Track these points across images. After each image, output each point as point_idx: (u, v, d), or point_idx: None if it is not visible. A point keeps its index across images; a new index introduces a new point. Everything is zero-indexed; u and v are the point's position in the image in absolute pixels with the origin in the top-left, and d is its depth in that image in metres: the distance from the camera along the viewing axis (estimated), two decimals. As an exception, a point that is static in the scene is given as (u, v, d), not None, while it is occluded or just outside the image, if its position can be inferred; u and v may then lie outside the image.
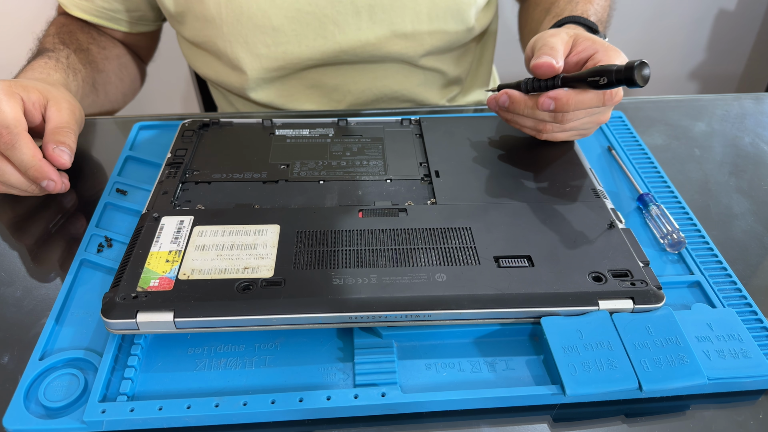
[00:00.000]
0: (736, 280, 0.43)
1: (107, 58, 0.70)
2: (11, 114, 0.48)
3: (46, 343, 0.39)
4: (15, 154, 0.47)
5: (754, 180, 0.55)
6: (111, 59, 0.71)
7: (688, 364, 0.36)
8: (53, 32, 0.66)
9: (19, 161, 0.47)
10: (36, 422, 0.34)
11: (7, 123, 0.47)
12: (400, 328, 0.39)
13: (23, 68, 0.59)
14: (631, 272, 0.40)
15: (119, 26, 0.70)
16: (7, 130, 0.47)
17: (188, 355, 0.38)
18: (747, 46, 1.53)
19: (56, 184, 0.49)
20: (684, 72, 1.57)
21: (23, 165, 0.47)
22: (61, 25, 0.68)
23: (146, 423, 0.34)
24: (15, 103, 0.48)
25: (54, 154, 0.48)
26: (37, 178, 0.48)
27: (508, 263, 0.40)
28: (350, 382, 0.37)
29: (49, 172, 0.48)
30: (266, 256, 0.40)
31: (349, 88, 0.70)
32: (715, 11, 1.46)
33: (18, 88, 0.50)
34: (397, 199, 0.47)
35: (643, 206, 0.49)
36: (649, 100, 0.66)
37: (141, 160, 0.55)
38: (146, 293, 0.37)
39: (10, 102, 0.48)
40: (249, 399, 0.35)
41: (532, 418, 0.36)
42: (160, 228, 0.42)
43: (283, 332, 0.39)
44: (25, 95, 0.50)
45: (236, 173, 0.49)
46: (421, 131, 0.55)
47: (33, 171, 0.48)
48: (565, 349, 0.36)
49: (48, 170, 0.48)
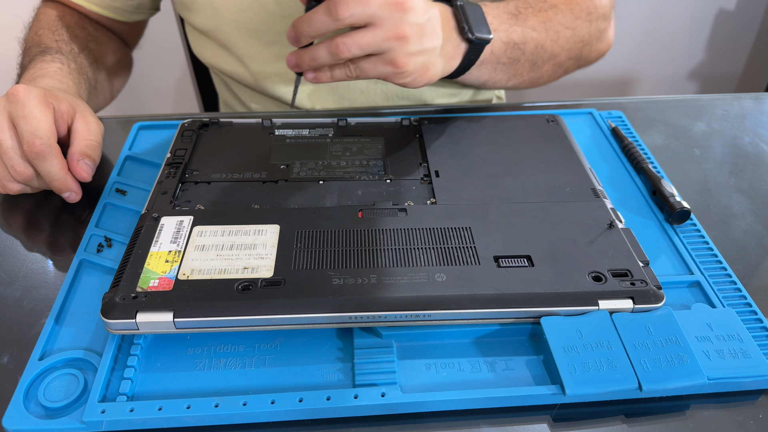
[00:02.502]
0: (735, 280, 0.43)
1: (105, 55, 0.69)
2: (46, 125, 0.48)
3: (46, 343, 0.39)
4: (44, 165, 0.48)
5: (754, 180, 0.55)
6: (108, 55, 0.70)
7: (688, 364, 0.36)
8: (48, 26, 0.65)
9: (46, 172, 0.48)
10: (35, 422, 0.34)
11: (41, 133, 0.47)
12: (400, 328, 0.39)
13: (29, 66, 0.59)
14: (630, 272, 0.40)
15: (116, 15, 0.70)
16: (41, 140, 0.47)
17: (188, 355, 0.38)
18: (747, 46, 1.53)
19: (77, 197, 0.50)
20: (684, 72, 1.57)
21: (50, 176, 0.48)
22: (54, 18, 0.66)
23: (146, 423, 0.34)
24: (49, 113, 0.49)
25: (78, 167, 0.49)
26: (60, 190, 0.49)
27: (507, 263, 0.40)
28: (350, 382, 0.37)
29: (72, 185, 0.49)
30: (266, 256, 0.40)
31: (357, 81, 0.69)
32: (714, 11, 1.46)
33: (51, 98, 0.50)
34: (397, 199, 0.47)
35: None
36: (648, 100, 0.66)
37: (141, 160, 0.55)
38: (146, 293, 0.37)
39: (45, 112, 0.48)
40: (249, 399, 0.35)
41: (532, 418, 0.36)
42: (160, 228, 0.42)
43: (283, 332, 0.39)
44: (57, 105, 0.50)
45: (236, 173, 0.49)
46: (421, 131, 0.55)
47: (58, 183, 0.49)
48: (565, 349, 0.36)
49: (71, 183, 0.49)
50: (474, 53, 0.52)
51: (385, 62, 0.46)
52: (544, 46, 0.59)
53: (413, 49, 0.46)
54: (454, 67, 0.52)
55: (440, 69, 0.50)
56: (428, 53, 0.47)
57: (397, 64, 0.46)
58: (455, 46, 0.51)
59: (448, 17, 0.50)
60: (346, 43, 0.44)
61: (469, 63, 0.53)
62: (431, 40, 0.47)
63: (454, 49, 0.51)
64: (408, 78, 0.48)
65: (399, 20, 0.44)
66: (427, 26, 0.46)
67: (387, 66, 0.46)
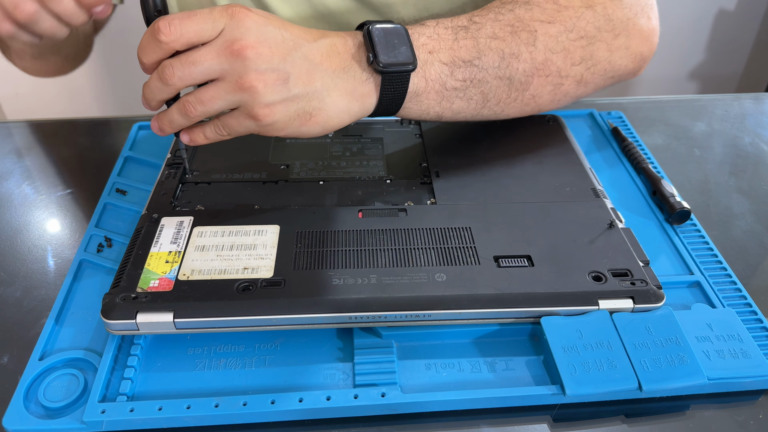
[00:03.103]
0: (736, 280, 0.43)
1: None
2: None
3: (46, 343, 0.39)
4: None
5: (754, 180, 0.55)
6: None
7: (688, 364, 0.36)
8: None
9: None
10: (36, 422, 0.34)
11: None
12: (400, 328, 0.39)
13: None
14: (631, 272, 0.40)
15: None
16: None
17: (188, 355, 0.38)
18: (747, 46, 1.53)
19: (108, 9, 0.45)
20: (684, 72, 1.57)
21: None
22: None
23: (146, 423, 0.34)
24: None
25: None
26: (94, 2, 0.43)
27: (507, 263, 0.40)
28: (350, 382, 0.37)
29: None
30: (266, 257, 0.40)
31: None
32: (715, 11, 1.46)
33: None
34: (397, 199, 0.47)
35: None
36: (649, 100, 0.66)
37: (141, 161, 0.55)
38: (146, 294, 0.37)
39: None
40: (249, 399, 0.35)
41: (532, 418, 0.36)
42: (160, 228, 0.42)
43: (283, 332, 0.39)
44: None
45: (236, 173, 0.49)
46: (421, 131, 0.55)
47: None
48: (565, 349, 0.36)
49: None
50: (394, 85, 0.42)
51: (246, 116, 0.39)
52: (516, 55, 0.45)
53: (273, 99, 0.38)
54: (370, 104, 0.43)
55: (340, 110, 0.41)
56: (301, 99, 0.39)
57: (258, 117, 0.39)
58: (362, 80, 0.41)
59: (348, 48, 0.41)
60: (189, 101, 0.39)
61: (395, 97, 0.43)
62: (304, 84, 0.39)
63: (361, 84, 0.41)
64: (286, 130, 0.41)
65: (241, 70, 0.37)
66: (292, 68, 0.38)
67: (249, 120, 0.40)
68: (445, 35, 0.44)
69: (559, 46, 0.46)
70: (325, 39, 0.41)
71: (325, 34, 0.41)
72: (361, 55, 0.41)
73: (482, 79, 0.45)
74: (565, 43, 0.46)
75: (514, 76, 0.46)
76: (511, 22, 0.46)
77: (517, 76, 0.46)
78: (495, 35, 0.45)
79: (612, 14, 0.48)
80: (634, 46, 0.49)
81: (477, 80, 0.45)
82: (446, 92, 0.45)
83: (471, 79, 0.45)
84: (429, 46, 0.43)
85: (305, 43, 0.39)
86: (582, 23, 0.47)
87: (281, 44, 0.38)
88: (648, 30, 0.50)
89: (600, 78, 0.50)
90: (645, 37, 0.50)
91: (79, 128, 0.62)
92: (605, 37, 0.48)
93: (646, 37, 0.50)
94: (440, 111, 0.46)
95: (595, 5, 0.47)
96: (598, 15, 0.47)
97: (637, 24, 0.49)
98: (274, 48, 0.38)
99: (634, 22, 0.49)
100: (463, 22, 0.45)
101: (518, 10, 0.46)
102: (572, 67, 0.47)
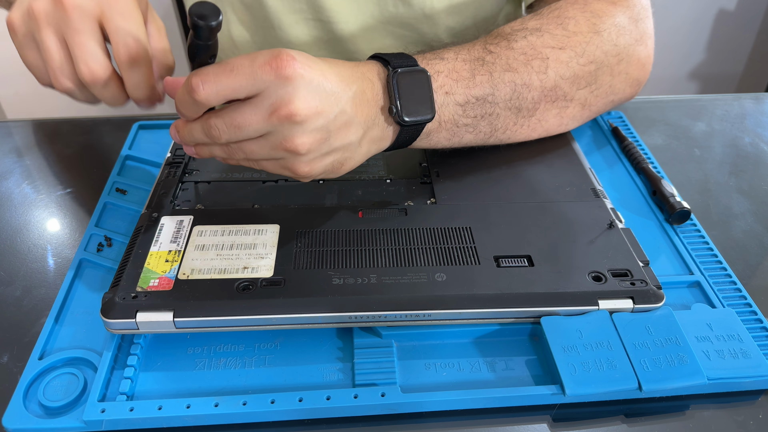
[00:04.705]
0: (735, 280, 0.43)
1: None
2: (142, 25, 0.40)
3: (46, 342, 0.39)
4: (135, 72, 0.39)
5: (754, 180, 0.55)
6: None
7: (687, 364, 0.36)
8: None
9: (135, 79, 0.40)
10: (35, 422, 0.34)
11: (138, 35, 0.39)
12: (400, 328, 0.39)
13: None
14: (630, 272, 0.40)
15: None
16: (137, 43, 0.39)
17: (188, 355, 0.38)
18: (747, 46, 1.53)
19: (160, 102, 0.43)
20: (684, 72, 1.57)
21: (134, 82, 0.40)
22: None
23: (146, 423, 0.34)
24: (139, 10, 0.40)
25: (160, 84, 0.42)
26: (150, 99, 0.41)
27: (507, 263, 0.40)
28: (350, 382, 0.37)
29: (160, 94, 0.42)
30: (266, 256, 0.40)
31: None
32: (715, 11, 1.46)
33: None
34: (397, 199, 0.47)
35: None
36: (649, 100, 0.66)
37: (140, 160, 0.55)
38: (146, 293, 0.37)
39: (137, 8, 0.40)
40: (249, 399, 0.35)
41: (532, 418, 0.36)
42: (160, 228, 0.42)
43: (283, 332, 0.39)
44: None
45: (236, 173, 0.49)
46: (421, 131, 0.55)
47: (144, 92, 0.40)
48: (565, 348, 0.36)
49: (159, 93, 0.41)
50: (410, 132, 0.43)
51: (284, 168, 0.39)
52: (527, 84, 0.46)
53: (314, 156, 0.38)
54: (385, 146, 0.43)
55: (364, 155, 0.42)
56: (337, 152, 0.39)
57: (298, 172, 0.39)
58: (384, 128, 0.41)
59: (375, 94, 0.40)
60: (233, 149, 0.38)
61: (408, 140, 0.44)
62: (342, 138, 0.39)
63: (383, 131, 0.42)
64: (317, 177, 0.41)
65: (287, 133, 0.36)
66: (333, 125, 0.38)
67: (287, 171, 0.39)
68: (462, 71, 0.44)
69: (570, 71, 0.47)
70: (355, 84, 0.39)
71: (354, 77, 0.40)
72: (385, 102, 0.41)
73: (492, 112, 0.46)
74: (575, 69, 0.48)
75: (522, 105, 0.47)
76: (524, 50, 0.46)
77: (526, 104, 0.47)
78: (509, 67, 0.46)
79: (617, 40, 0.49)
80: (632, 71, 0.52)
81: (488, 114, 0.46)
82: (457, 129, 0.46)
83: (482, 114, 0.46)
84: (446, 87, 0.44)
85: (342, 94, 0.38)
86: (591, 48, 0.48)
87: (325, 101, 0.37)
88: (645, 57, 0.52)
89: (602, 102, 0.52)
90: (642, 65, 0.52)
91: (79, 128, 0.62)
92: (611, 61, 0.49)
93: (642, 64, 0.52)
94: (448, 144, 0.47)
95: (601, 31, 0.49)
96: (604, 40, 0.49)
97: (636, 50, 0.51)
98: (320, 107, 0.36)
99: (635, 49, 0.51)
100: (479, 52, 0.46)
101: (531, 37, 0.47)
102: (578, 91, 0.49)
